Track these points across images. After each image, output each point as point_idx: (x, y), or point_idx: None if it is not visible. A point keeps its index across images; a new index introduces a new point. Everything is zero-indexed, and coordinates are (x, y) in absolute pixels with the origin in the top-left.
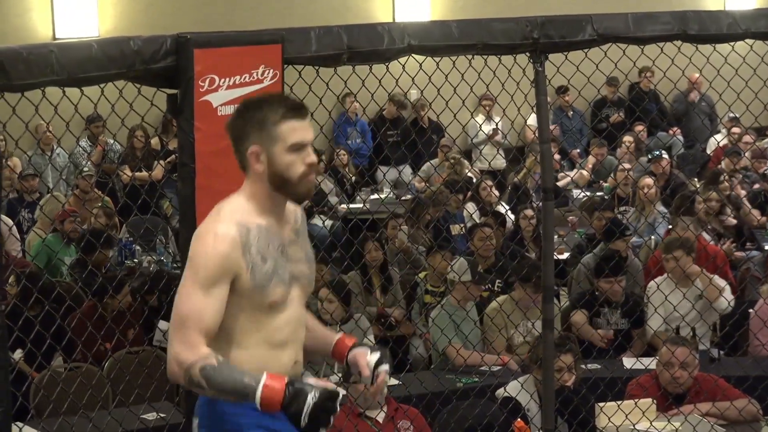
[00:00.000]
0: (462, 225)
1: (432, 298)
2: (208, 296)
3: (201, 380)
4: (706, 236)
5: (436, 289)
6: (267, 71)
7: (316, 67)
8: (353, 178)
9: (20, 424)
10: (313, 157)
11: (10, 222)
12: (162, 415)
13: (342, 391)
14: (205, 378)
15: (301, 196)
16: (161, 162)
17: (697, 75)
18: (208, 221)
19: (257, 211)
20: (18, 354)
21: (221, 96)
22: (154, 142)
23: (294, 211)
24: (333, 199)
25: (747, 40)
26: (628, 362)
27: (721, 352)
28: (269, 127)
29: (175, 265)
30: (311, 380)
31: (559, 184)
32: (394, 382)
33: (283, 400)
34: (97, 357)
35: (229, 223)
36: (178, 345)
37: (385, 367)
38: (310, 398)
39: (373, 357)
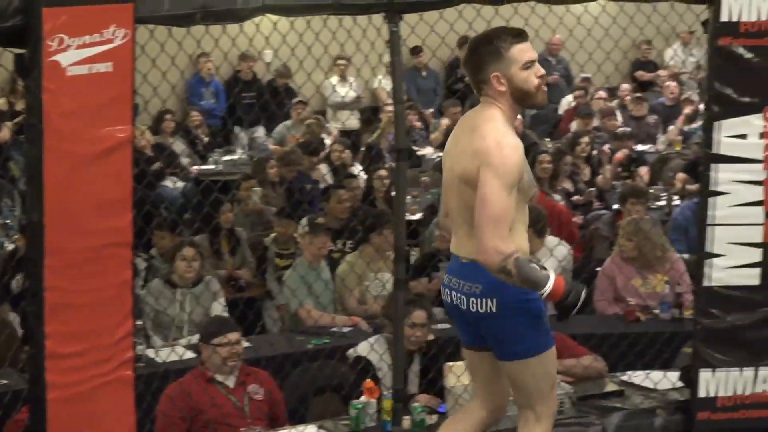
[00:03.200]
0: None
1: (282, 260)
2: (510, 196)
3: (513, 269)
4: (556, 197)
5: (285, 251)
6: (118, 31)
7: (169, 27)
8: (206, 139)
9: None
10: (541, 70)
11: None
12: (5, 381)
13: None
14: (517, 267)
15: (540, 103)
16: (8, 123)
17: (556, 36)
18: (498, 134)
19: (509, 125)
20: None
21: (71, 56)
22: (1, 102)
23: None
24: (185, 160)
25: (600, 1)
26: None
27: None
28: (504, 54)
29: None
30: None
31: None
32: (245, 344)
33: (565, 293)
34: None
35: (513, 136)
36: (496, 239)
37: None
38: (584, 294)
39: None
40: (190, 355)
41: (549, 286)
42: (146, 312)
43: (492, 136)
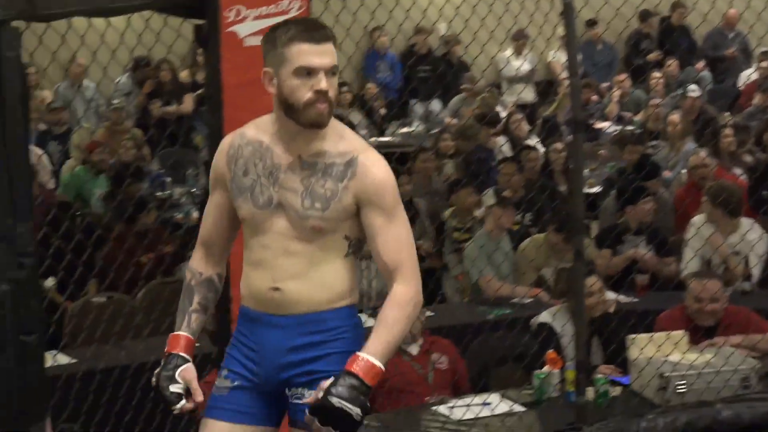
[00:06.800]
0: None
1: (460, 234)
2: (210, 202)
3: None
4: (737, 171)
5: (463, 225)
6: (294, 2)
7: None
8: (383, 111)
9: (54, 352)
10: (323, 84)
11: (39, 151)
12: (197, 344)
13: (175, 389)
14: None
15: (306, 123)
16: (190, 94)
17: (731, 10)
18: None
19: (270, 129)
20: (50, 281)
21: (247, 27)
22: (184, 74)
23: (339, 150)
24: (362, 132)
25: None
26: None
27: (754, 285)
28: (279, 49)
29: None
30: (183, 373)
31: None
32: (428, 313)
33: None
34: (130, 286)
35: (234, 134)
36: None
37: (307, 414)
38: (157, 371)
39: (319, 393)
40: (372, 322)
41: (169, 336)
42: None
43: None
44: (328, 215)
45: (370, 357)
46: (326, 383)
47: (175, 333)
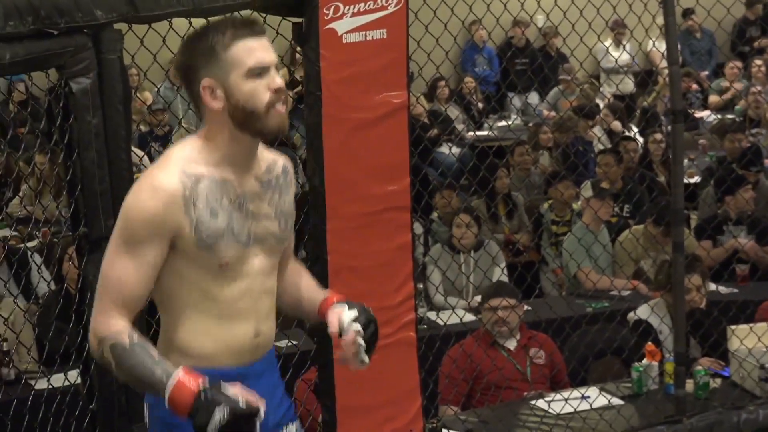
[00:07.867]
0: None
1: (558, 227)
2: (134, 259)
3: (111, 360)
4: None
5: (561, 218)
6: None
7: None
8: (480, 105)
9: None
10: (278, 80)
11: (140, 153)
12: (293, 342)
13: (262, 407)
14: (115, 358)
15: (272, 130)
16: (289, 92)
17: None
18: (151, 169)
19: (213, 158)
20: None
21: (346, 23)
22: (282, 72)
23: (271, 160)
24: (460, 127)
25: None
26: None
27: None
28: (220, 53)
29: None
30: (233, 389)
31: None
32: (526, 308)
33: (192, 408)
34: None
35: (173, 173)
36: (95, 312)
37: (356, 326)
38: (219, 415)
39: (349, 314)
40: (470, 317)
41: (168, 393)
42: (429, 275)
43: (142, 176)
44: (291, 231)
45: None
46: (343, 310)
47: (176, 377)
